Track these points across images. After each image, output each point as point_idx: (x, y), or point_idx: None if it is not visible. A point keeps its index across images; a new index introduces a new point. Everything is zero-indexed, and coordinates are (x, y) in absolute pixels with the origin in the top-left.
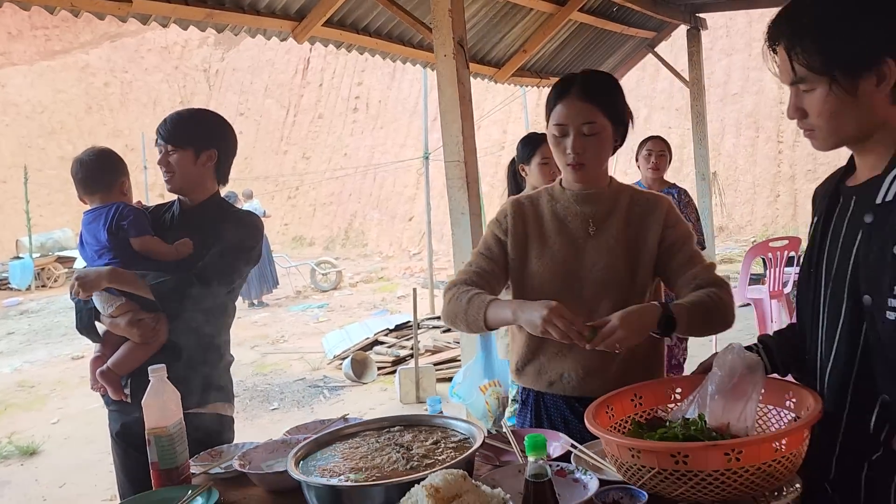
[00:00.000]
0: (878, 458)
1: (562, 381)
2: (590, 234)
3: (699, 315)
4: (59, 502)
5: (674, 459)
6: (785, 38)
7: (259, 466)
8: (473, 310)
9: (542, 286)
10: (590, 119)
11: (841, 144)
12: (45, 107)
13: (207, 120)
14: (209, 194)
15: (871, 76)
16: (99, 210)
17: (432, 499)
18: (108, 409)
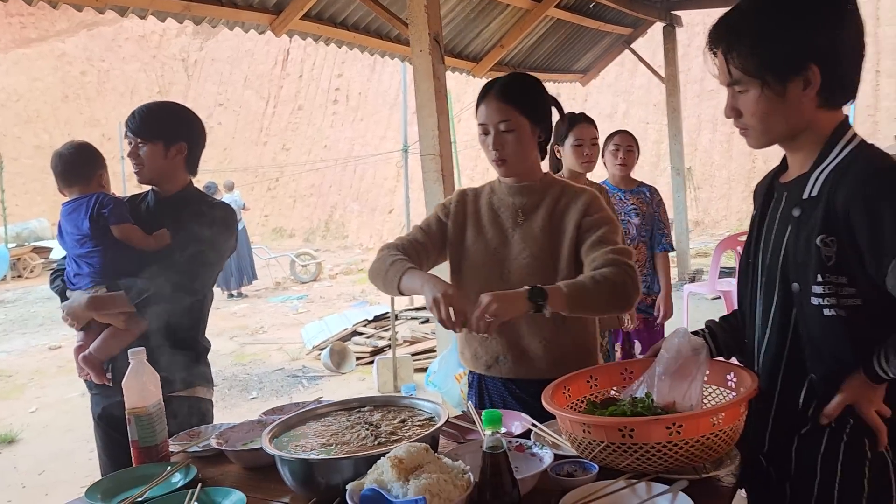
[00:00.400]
0: (807, 431)
1: (498, 364)
2: (518, 224)
3: (580, 292)
4: (38, 489)
5: (621, 433)
6: (723, 43)
7: (235, 445)
8: (392, 272)
9: (475, 270)
10: (506, 118)
11: (772, 143)
12: (21, 95)
13: (176, 113)
14: (181, 185)
15: (799, 80)
16: (79, 200)
17: (396, 469)
18: (90, 394)
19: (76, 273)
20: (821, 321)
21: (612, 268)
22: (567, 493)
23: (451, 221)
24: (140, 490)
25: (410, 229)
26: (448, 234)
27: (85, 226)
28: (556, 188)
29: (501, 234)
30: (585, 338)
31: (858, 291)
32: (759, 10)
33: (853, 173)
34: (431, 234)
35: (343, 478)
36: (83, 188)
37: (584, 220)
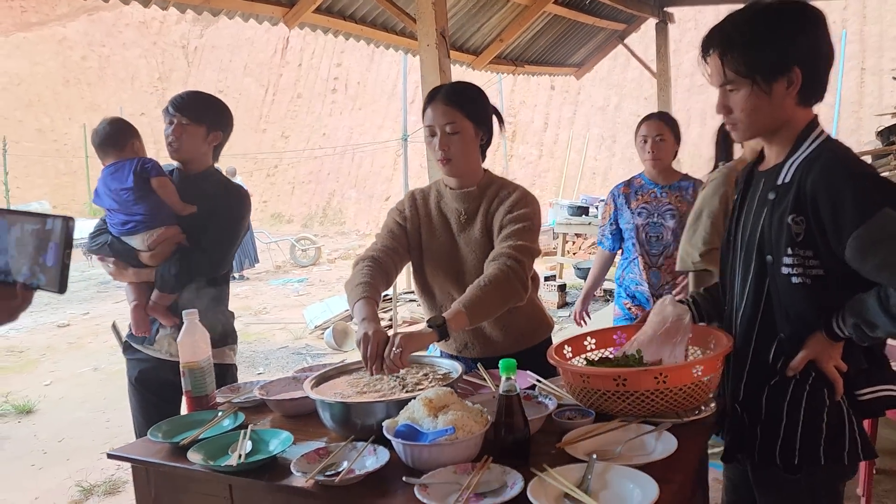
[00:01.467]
0: (775, 383)
1: (468, 349)
2: (463, 228)
3: (476, 305)
4: (58, 454)
5: (615, 382)
6: (717, 48)
7: (276, 396)
8: (352, 296)
9: (433, 271)
10: (451, 120)
11: (756, 136)
12: (22, 79)
13: (220, 105)
14: (205, 167)
15: (784, 81)
16: (120, 163)
17: (427, 407)
18: (126, 359)
19: (127, 222)
20: (789, 288)
21: (496, 265)
22: (569, 432)
23: (408, 224)
24: (197, 431)
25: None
26: (408, 235)
27: (130, 181)
28: (493, 189)
29: (451, 238)
30: (535, 310)
31: (821, 263)
32: (749, 20)
33: (820, 163)
34: (398, 238)
35: (377, 419)
36: (117, 154)
37: (504, 218)
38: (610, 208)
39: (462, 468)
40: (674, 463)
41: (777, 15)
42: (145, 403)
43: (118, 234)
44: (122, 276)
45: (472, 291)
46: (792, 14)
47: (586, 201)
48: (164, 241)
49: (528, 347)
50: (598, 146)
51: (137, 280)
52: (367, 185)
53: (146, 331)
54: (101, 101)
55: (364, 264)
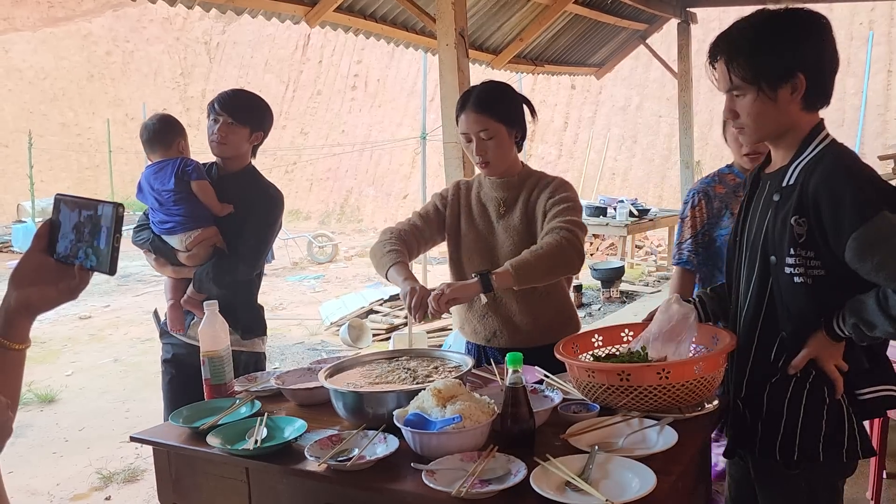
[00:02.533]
0: (776, 380)
1: (496, 337)
2: (501, 216)
3: (524, 266)
4: (80, 443)
5: (619, 377)
6: (724, 55)
7: (292, 385)
8: (384, 261)
9: (468, 257)
10: (484, 126)
11: (762, 139)
12: (48, 73)
13: (263, 106)
14: (244, 165)
15: (788, 87)
16: (163, 162)
17: (436, 397)
18: (161, 343)
19: (166, 222)
20: (792, 287)
21: (552, 236)
22: (573, 425)
23: (448, 210)
24: (216, 417)
25: (412, 214)
26: (445, 221)
27: (171, 183)
28: (532, 180)
29: (489, 226)
30: (565, 306)
31: (822, 264)
32: (754, 27)
33: (822, 166)
34: (429, 221)
35: (388, 409)
36: (164, 152)
37: (548, 202)
38: (701, 213)
39: (468, 456)
40: (674, 456)
41: (782, 22)
42: (174, 383)
43: (159, 232)
44: (163, 271)
45: (524, 255)
46: (796, 21)
47: (604, 202)
48: (201, 243)
49: (553, 343)
50: (619, 146)
51: (176, 276)
52: (385, 182)
53: (181, 328)
54: (124, 96)
55: (390, 235)
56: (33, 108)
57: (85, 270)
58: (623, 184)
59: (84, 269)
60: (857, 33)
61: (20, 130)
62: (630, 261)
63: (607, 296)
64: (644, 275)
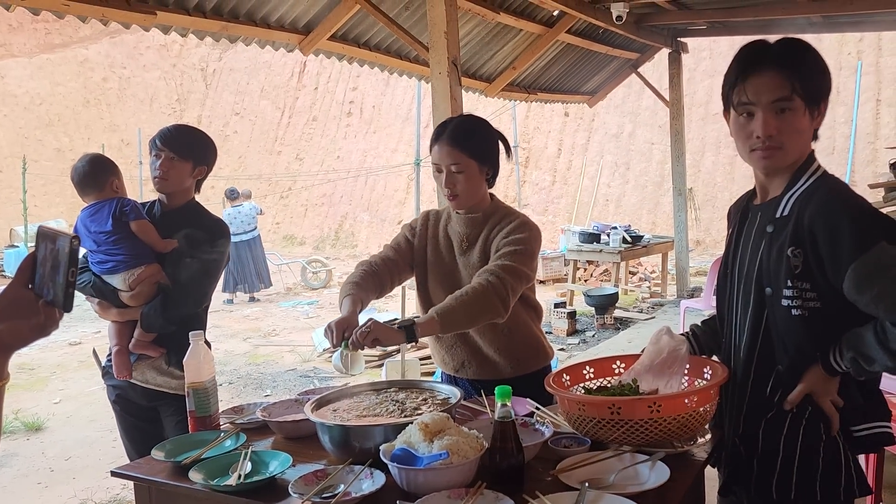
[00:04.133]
0: (772, 416)
1: (465, 368)
2: (463, 251)
3: (449, 314)
4: (65, 473)
5: (610, 410)
6: (778, 63)
7: (278, 418)
8: (342, 294)
9: (434, 289)
10: (456, 161)
11: (792, 160)
12: (44, 99)
13: (206, 140)
14: (186, 200)
15: (818, 110)
16: (99, 204)
17: (423, 432)
18: (105, 384)
19: (106, 262)
20: (788, 320)
21: (479, 279)
22: (563, 460)
23: (416, 240)
24: (199, 451)
25: (383, 248)
26: (414, 251)
27: (109, 224)
28: (496, 217)
29: (452, 260)
30: (533, 338)
31: (818, 296)
32: (799, 48)
33: (818, 197)
34: (401, 252)
35: (375, 443)
36: (98, 195)
37: (501, 241)
38: None
39: (456, 493)
40: (666, 493)
41: (814, 50)
42: (127, 425)
43: (99, 272)
44: (107, 315)
45: (448, 301)
46: (818, 53)
47: (598, 228)
48: (144, 280)
49: (526, 374)
50: (612, 173)
51: (121, 319)
52: (380, 208)
53: (128, 374)
54: (119, 122)
55: (361, 269)
56: (28, 134)
57: (49, 306)
58: (617, 210)
59: (48, 305)
60: (845, 63)
61: (15, 156)
62: (624, 287)
63: (601, 322)
64: (638, 301)
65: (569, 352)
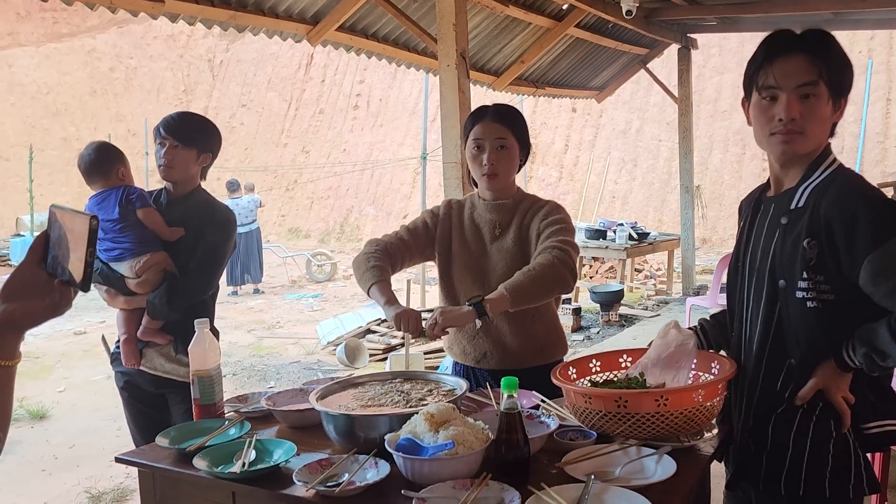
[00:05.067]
0: (782, 411)
1: (486, 359)
2: (496, 237)
3: (518, 289)
4: (69, 461)
5: (616, 403)
6: (808, 49)
7: (283, 406)
8: (367, 277)
9: (459, 277)
10: (502, 136)
11: (812, 148)
12: (51, 88)
13: (210, 127)
14: (193, 188)
15: (839, 103)
16: (105, 192)
17: (428, 422)
18: (114, 371)
19: (113, 249)
20: (803, 312)
21: (544, 255)
22: (569, 453)
23: (439, 227)
24: (204, 439)
25: (399, 227)
26: (435, 238)
27: (115, 212)
28: (526, 203)
29: (482, 247)
30: (555, 326)
31: (832, 288)
32: (833, 40)
33: (834, 188)
34: (417, 236)
35: (379, 433)
36: (104, 183)
37: (542, 223)
38: None
39: (461, 484)
40: (672, 486)
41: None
42: (134, 411)
43: (106, 259)
44: (115, 303)
45: (516, 276)
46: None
47: (604, 225)
48: (151, 268)
49: (544, 364)
50: (619, 170)
51: (129, 307)
52: (386, 202)
53: (136, 363)
54: (126, 112)
55: (375, 248)
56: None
57: (64, 286)
58: (623, 207)
59: (63, 285)
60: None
61: (21, 144)
62: (629, 284)
63: (606, 319)
64: (643, 298)
65: (573, 348)
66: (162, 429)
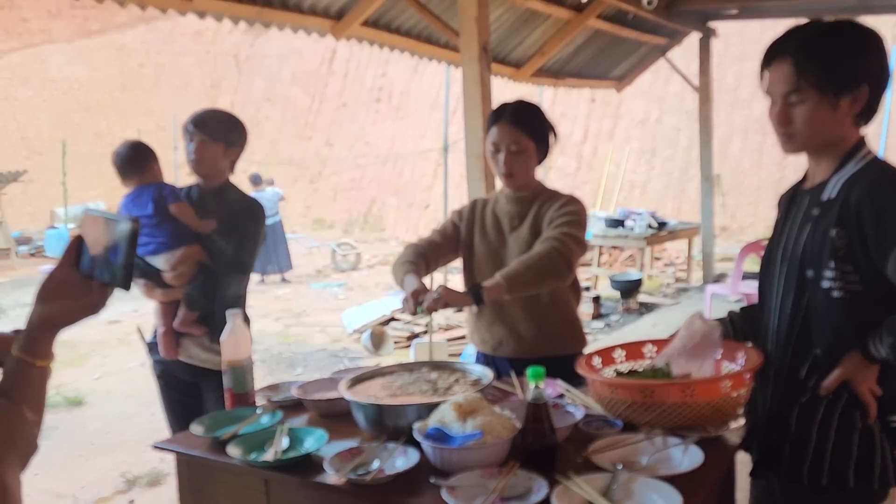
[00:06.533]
0: (806, 401)
1: (502, 346)
2: (514, 228)
3: (514, 277)
4: (105, 446)
5: (643, 394)
6: (793, 55)
7: (313, 396)
8: (400, 272)
9: (479, 267)
10: (516, 140)
11: (809, 150)
12: (82, 84)
13: (237, 122)
14: (222, 181)
15: (850, 97)
16: (139, 189)
17: (456, 411)
18: (151, 359)
19: (149, 244)
20: (829, 302)
21: (542, 245)
22: (595, 442)
23: (464, 225)
24: (236, 426)
25: (430, 231)
26: (461, 236)
27: (150, 208)
28: (545, 195)
29: (500, 238)
30: (572, 316)
31: (861, 278)
32: (825, 33)
33: (865, 179)
34: (447, 237)
35: (408, 421)
36: (139, 179)
37: (554, 213)
38: None
39: (489, 472)
40: (699, 476)
41: (850, 31)
42: (170, 399)
43: (143, 254)
44: (153, 296)
45: (513, 264)
46: (862, 33)
47: (623, 214)
48: (186, 261)
49: (560, 355)
50: (638, 159)
51: (166, 299)
52: (408, 193)
53: (174, 355)
54: (155, 107)
55: (411, 251)
56: (68, 118)
57: (103, 286)
58: (642, 196)
59: (102, 285)
60: None
61: (55, 139)
62: (649, 272)
63: (626, 307)
64: (663, 286)
65: (594, 335)
66: (196, 416)
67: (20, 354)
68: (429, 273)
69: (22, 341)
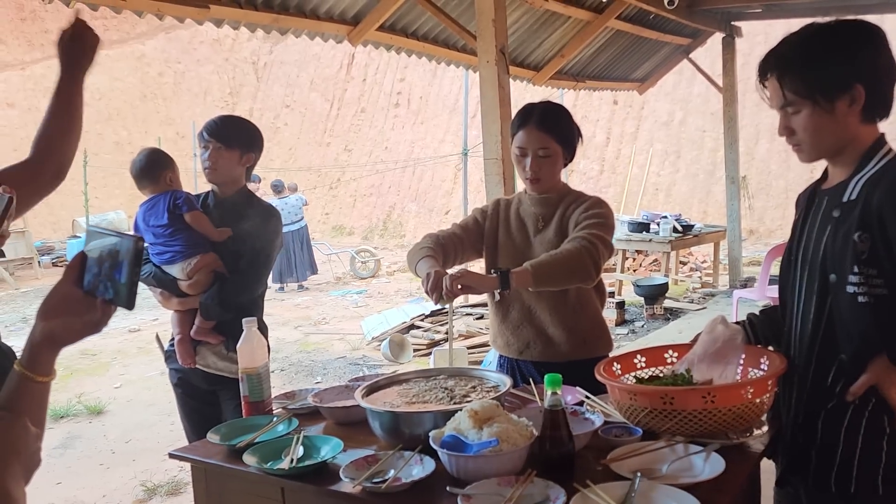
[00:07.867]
0: (832, 406)
1: (529, 349)
2: (539, 230)
3: (542, 268)
4: (125, 455)
5: (662, 400)
6: (775, 70)
7: (329, 403)
8: (415, 257)
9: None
10: (544, 145)
11: (822, 156)
12: (103, 94)
13: (252, 129)
14: (238, 188)
15: (846, 98)
16: (155, 199)
17: (472, 419)
18: (168, 368)
19: (164, 253)
20: (854, 307)
21: (572, 243)
22: (614, 450)
23: (488, 223)
24: (253, 435)
25: (452, 224)
26: (484, 234)
27: (165, 217)
28: (570, 197)
29: (525, 239)
30: (599, 320)
31: (885, 282)
32: (805, 40)
33: (887, 179)
34: (468, 232)
35: (424, 429)
36: (153, 188)
37: (581, 215)
38: None
39: (505, 480)
40: (721, 485)
41: (833, 33)
42: (187, 408)
43: (159, 263)
44: (169, 304)
45: (542, 256)
46: (849, 32)
47: (647, 217)
48: (201, 269)
49: (587, 358)
50: (662, 162)
51: (182, 308)
52: (428, 198)
53: (191, 362)
54: (175, 116)
55: (429, 239)
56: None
57: (107, 304)
58: (667, 199)
59: (106, 303)
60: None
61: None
62: (674, 277)
63: (651, 312)
64: (689, 291)
65: (618, 342)
66: (213, 424)
67: (22, 370)
68: (446, 266)
69: (24, 357)
